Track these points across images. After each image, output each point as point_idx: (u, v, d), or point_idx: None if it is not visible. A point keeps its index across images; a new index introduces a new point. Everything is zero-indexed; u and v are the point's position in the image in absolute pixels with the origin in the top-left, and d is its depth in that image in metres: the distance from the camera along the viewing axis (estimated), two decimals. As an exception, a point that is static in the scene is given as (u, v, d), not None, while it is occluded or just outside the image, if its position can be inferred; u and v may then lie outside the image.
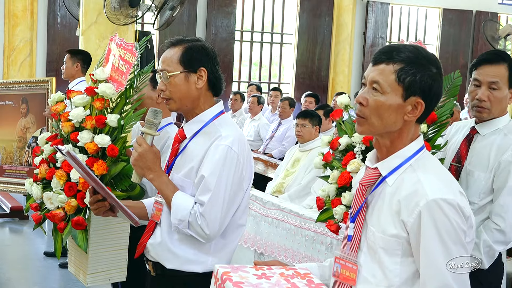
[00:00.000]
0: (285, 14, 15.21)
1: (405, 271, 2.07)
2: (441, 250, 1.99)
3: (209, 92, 2.84)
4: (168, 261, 2.80)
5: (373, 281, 2.11)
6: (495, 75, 3.16)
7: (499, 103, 3.18)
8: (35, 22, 12.33)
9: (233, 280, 2.05)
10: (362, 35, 15.29)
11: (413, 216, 2.01)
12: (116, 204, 2.81)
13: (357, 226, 2.17)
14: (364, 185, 2.16)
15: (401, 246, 2.06)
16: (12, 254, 7.43)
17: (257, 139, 9.80)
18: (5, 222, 8.30)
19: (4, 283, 6.36)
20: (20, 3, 12.11)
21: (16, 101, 6.30)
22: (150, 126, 2.79)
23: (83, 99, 3.50)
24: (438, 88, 2.11)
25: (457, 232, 2.00)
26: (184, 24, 13.26)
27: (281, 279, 2.11)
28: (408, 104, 2.08)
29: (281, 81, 15.43)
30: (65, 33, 12.32)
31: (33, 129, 6.17)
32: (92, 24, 7.76)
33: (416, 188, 2.03)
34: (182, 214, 2.69)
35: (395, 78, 2.06)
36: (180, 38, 2.86)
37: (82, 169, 2.76)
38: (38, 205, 3.64)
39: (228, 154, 2.69)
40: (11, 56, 12.06)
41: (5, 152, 6.35)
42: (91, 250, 3.50)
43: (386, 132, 2.12)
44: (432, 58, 2.12)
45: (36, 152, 3.71)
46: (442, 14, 16.16)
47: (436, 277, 2.00)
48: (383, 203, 2.11)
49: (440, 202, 1.99)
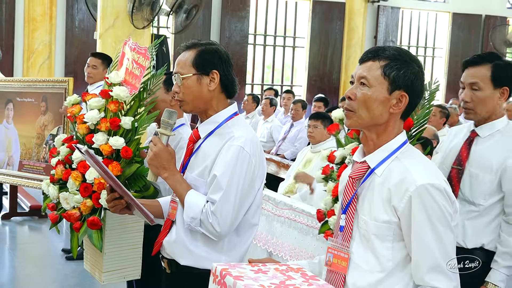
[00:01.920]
0: (298, 18, 15.22)
1: (397, 255, 2.13)
2: (431, 231, 2.07)
3: (222, 94, 2.84)
4: (182, 258, 2.81)
5: (366, 267, 2.17)
6: (474, 76, 3.19)
7: (482, 103, 3.20)
8: (54, 26, 12.41)
9: (233, 275, 2.07)
10: (373, 38, 15.28)
11: (404, 201, 2.09)
12: (132, 202, 2.82)
13: (348, 217, 2.23)
14: (353, 178, 2.23)
15: (393, 231, 2.12)
16: (31, 251, 7.46)
17: (269, 141, 9.79)
18: (25, 220, 8.34)
19: (24, 279, 6.39)
20: (40, 7, 12.19)
21: (36, 98, 6.35)
22: (165, 127, 2.80)
23: (98, 102, 3.50)
24: (420, 84, 2.21)
25: (445, 215, 2.08)
26: (199, 28, 13.29)
27: (277, 273, 2.14)
28: (393, 97, 2.17)
29: (294, 84, 15.45)
30: (83, 36, 12.39)
31: (50, 127, 6.21)
32: (109, 27, 7.77)
33: (404, 176, 2.11)
34: (194, 212, 2.69)
35: (381, 72, 2.17)
36: (194, 41, 2.87)
37: (100, 168, 2.76)
38: (55, 205, 3.65)
39: (240, 154, 2.69)
40: (31, 59, 12.15)
41: (24, 148, 6.40)
42: (106, 249, 3.49)
43: (373, 124, 2.20)
44: (414, 57, 2.24)
45: (53, 153, 3.72)
46: (452, 18, 16.11)
47: (427, 258, 2.08)
48: (373, 193, 2.17)
49: (428, 187, 2.07)
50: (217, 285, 2.14)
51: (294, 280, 2.09)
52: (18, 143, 6.46)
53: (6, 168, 6.56)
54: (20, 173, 6.35)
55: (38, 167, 6.20)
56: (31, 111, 6.40)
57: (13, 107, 6.61)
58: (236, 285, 2.01)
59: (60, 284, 6.20)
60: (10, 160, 6.54)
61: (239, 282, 2.01)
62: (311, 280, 2.11)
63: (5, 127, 6.65)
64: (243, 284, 2.00)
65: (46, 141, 6.20)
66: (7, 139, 6.60)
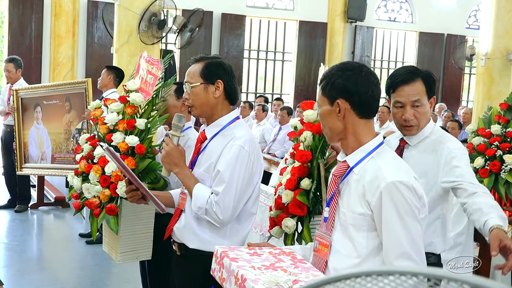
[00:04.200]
0: (286, 36, 15.24)
1: (370, 243, 2.13)
2: (399, 223, 2.05)
3: (226, 101, 2.86)
4: (191, 242, 2.83)
5: (344, 252, 2.16)
6: (415, 94, 2.79)
7: (425, 116, 2.84)
8: (76, 42, 12.41)
9: (230, 256, 2.11)
10: (351, 54, 15.30)
11: (376, 197, 2.07)
12: (146, 193, 2.84)
13: (331, 210, 2.23)
14: (336, 176, 2.23)
15: (367, 222, 2.12)
16: (56, 236, 7.47)
17: (262, 141, 9.81)
18: (50, 209, 8.33)
19: (49, 260, 6.40)
20: (64, 26, 12.20)
21: (60, 100, 6.38)
22: (175, 129, 2.83)
23: (117, 106, 3.52)
24: (354, 86, 2.13)
25: (412, 208, 2.05)
26: (201, 44, 13.29)
27: (270, 256, 2.17)
28: (335, 106, 2.15)
29: (283, 93, 15.46)
30: (101, 51, 12.38)
31: (76, 123, 6.24)
32: (124, 43, 7.78)
33: (377, 174, 2.09)
34: (200, 202, 2.71)
35: (321, 93, 2.20)
36: (202, 55, 2.90)
37: (119, 163, 2.79)
38: (78, 195, 3.66)
39: (241, 152, 2.71)
40: (56, 70, 12.15)
41: (54, 143, 6.42)
42: (121, 232, 3.51)
43: (337, 134, 2.21)
44: (349, 66, 2.19)
45: (78, 150, 3.74)
46: (419, 36, 16.16)
47: (396, 246, 2.06)
48: (351, 188, 2.17)
49: (396, 183, 2.04)
50: (217, 265, 2.17)
51: (283, 263, 2.11)
52: (48, 140, 6.48)
53: (41, 162, 6.58)
54: (53, 165, 6.38)
55: (69, 158, 6.23)
56: (57, 111, 6.42)
57: (41, 110, 6.63)
58: (231, 266, 2.05)
59: (82, 264, 6.20)
60: (44, 155, 6.56)
61: (234, 263, 2.05)
62: (298, 263, 2.14)
63: (36, 127, 6.67)
64: (237, 265, 2.03)
65: (73, 135, 6.23)
66: (39, 137, 6.63)
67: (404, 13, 16.31)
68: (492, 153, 3.56)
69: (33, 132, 6.76)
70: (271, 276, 1.95)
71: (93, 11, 12.59)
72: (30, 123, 6.82)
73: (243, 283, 1.93)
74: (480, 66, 10.42)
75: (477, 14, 16.50)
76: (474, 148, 3.68)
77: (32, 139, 6.78)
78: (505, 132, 3.59)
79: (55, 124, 6.45)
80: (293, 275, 1.99)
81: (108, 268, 5.96)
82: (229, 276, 2.03)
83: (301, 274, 2.02)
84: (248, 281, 1.91)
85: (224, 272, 2.08)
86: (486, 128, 3.71)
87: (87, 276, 5.80)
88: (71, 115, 6.28)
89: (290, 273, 2.00)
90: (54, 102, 6.48)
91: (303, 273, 2.04)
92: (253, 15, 14.75)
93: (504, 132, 3.60)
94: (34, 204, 8.29)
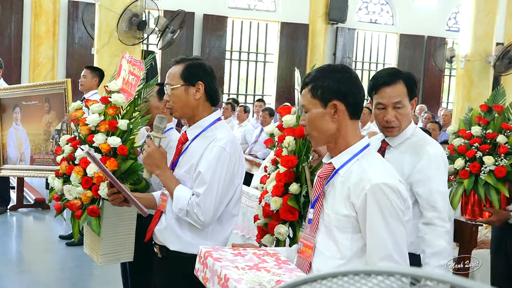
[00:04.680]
0: (268, 37, 15.27)
1: (355, 245, 2.12)
2: (383, 225, 2.05)
3: (207, 102, 2.85)
4: (172, 244, 2.81)
5: (328, 254, 2.16)
6: (397, 95, 2.82)
7: (406, 117, 2.88)
8: (57, 42, 12.34)
9: (213, 256, 2.10)
10: (332, 55, 15.36)
11: (361, 198, 2.07)
12: (127, 196, 2.82)
13: (316, 211, 2.22)
14: (321, 177, 2.22)
15: (351, 224, 2.11)
16: (36, 238, 7.40)
17: (243, 142, 9.81)
18: (30, 211, 8.25)
19: (29, 262, 6.34)
20: (44, 26, 12.12)
21: (40, 100, 6.32)
22: (157, 130, 2.82)
23: (99, 107, 3.50)
24: (347, 87, 2.15)
25: (396, 210, 2.05)
26: (183, 45, 13.27)
27: (254, 256, 2.17)
28: (329, 108, 2.14)
29: (264, 94, 15.47)
30: (82, 51, 12.31)
31: (55, 123, 6.19)
32: (105, 44, 7.75)
33: (362, 176, 2.09)
34: (181, 203, 2.70)
35: (310, 95, 2.16)
36: (183, 57, 2.88)
37: (99, 166, 2.77)
38: (59, 196, 3.63)
39: (222, 153, 2.70)
40: (36, 71, 12.06)
41: (33, 144, 6.37)
42: (103, 234, 3.48)
43: (327, 137, 2.19)
44: (337, 68, 2.21)
45: (58, 151, 3.71)
46: (399, 38, 16.27)
47: (380, 248, 2.06)
48: (336, 190, 2.16)
49: (381, 185, 2.04)
50: (201, 265, 2.17)
51: (267, 263, 2.11)
52: (27, 141, 6.42)
53: (19, 163, 6.52)
54: (32, 166, 6.32)
55: (48, 159, 6.17)
56: (36, 112, 6.36)
57: (20, 111, 6.57)
58: (215, 265, 2.04)
59: (62, 266, 6.15)
60: (22, 157, 6.50)
61: (217, 263, 2.04)
62: (282, 264, 2.13)
63: (15, 128, 6.60)
64: (220, 265, 2.03)
65: (52, 136, 6.18)
66: (17, 138, 6.56)
67: (385, 15, 16.42)
68: (472, 154, 3.59)
69: (11, 133, 6.69)
70: (254, 276, 1.95)
71: (73, 11, 12.52)
72: (8, 124, 6.75)
73: (226, 282, 1.93)
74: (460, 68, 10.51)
75: (457, 17, 16.65)
76: (455, 149, 3.70)
77: (10, 140, 6.71)
78: (485, 134, 3.62)
79: (34, 125, 6.39)
80: (276, 276, 1.99)
81: (89, 270, 5.92)
82: (213, 275, 2.03)
83: (285, 275, 2.02)
84: (231, 281, 1.91)
85: (208, 272, 2.08)
86: (466, 130, 3.73)
87: (68, 278, 5.76)
88: (50, 115, 6.22)
89: (273, 274, 2.00)
90: (34, 102, 6.42)
91: (286, 274, 2.04)
92: (235, 16, 14.75)
93: (484, 134, 3.62)
94: (13, 206, 8.19)
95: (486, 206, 3.58)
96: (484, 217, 3.61)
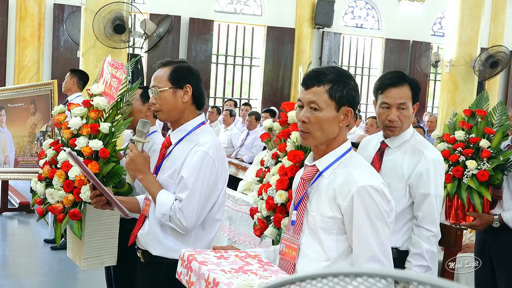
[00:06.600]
0: (254, 41, 15.28)
1: (340, 246, 2.14)
2: (369, 226, 2.08)
3: (193, 105, 2.82)
4: (154, 249, 2.78)
5: (313, 256, 2.17)
6: (402, 97, 2.94)
7: (408, 120, 2.98)
8: (42, 45, 12.26)
9: (198, 260, 2.07)
10: (318, 59, 15.39)
11: (347, 200, 2.09)
12: (110, 198, 2.79)
13: (299, 213, 2.23)
14: (305, 179, 2.23)
15: (337, 226, 2.13)
16: (20, 242, 7.33)
17: (229, 146, 9.78)
18: (15, 215, 8.18)
19: (14, 266, 6.27)
20: (29, 28, 12.05)
21: (25, 102, 6.27)
22: (140, 135, 2.79)
23: (81, 110, 3.48)
24: (357, 96, 2.21)
25: (381, 212, 2.09)
26: (169, 48, 13.24)
27: (237, 259, 2.15)
28: (341, 113, 2.16)
29: (250, 98, 15.47)
30: (67, 54, 12.24)
31: (40, 125, 6.15)
32: (91, 47, 7.70)
33: (348, 179, 2.12)
34: (164, 209, 2.67)
35: (328, 96, 2.14)
36: (169, 59, 2.85)
37: (82, 168, 2.74)
38: (42, 200, 3.61)
39: (205, 158, 2.68)
40: (21, 74, 11.98)
41: (18, 147, 6.31)
42: (85, 238, 3.46)
43: (328, 140, 2.19)
44: (349, 75, 2.24)
45: (41, 155, 3.68)
46: (385, 43, 16.34)
47: (366, 249, 2.09)
48: (321, 192, 2.18)
49: (367, 188, 2.08)
50: (184, 269, 2.13)
51: (251, 266, 2.10)
52: (12, 143, 6.37)
53: (3, 166, 6.46)
54: (16, 169, 6.27)
55: (32, 161, 6.13)
56: (21, 114, 6.32)
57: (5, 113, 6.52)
58: (201, 269, 2.01)
59: (46, 270, 6.09)
60: (6, 159, 6.45)
61: (203, 267, 2.02)
62: (266, 266, 2.12)
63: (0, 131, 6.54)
64: (207, 268, 2.00)
65: (37, 138, 6.13)
66: (2, 141, 6.51)
67: (370, 19, 16.48)
68: (455, 158, 3.60)
69: (-4, 136, 6.63)
70: (244, 280, 1.94)
71: (59, 15, 12.45)
72: (-7, 127, 6.69)
73: (216, 286, 1.91)
74: (445, 73, 10.54)
75: (442, 22, 16.74)
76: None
77: (-5, 143, 6.65)
78: (468, 138, 3.63)
79: (20, 128, 6.34)
80: (264, 278, 1.98)
81: (74, 274, 5.87)
82: (199, 279, 2.00)
83: (271, 277, 2.01)
84: (221, 285, 1.89)
85: (193, 276, 2.05)
86: (451, 134, 3.75)
87: (52, 282, 5.71)
88: (35, 117, 6.18)
89: (261, 276, 1.99)
90: (19, 104, 6.37)
91: (272, 276, 2.03)
92: (221, 20, 14.75)
93: (467, 138, 3.64)
94: (-3, 209, 8.13)
95: (469, 210, 3.59)
96: (467, 221, 3.62)
